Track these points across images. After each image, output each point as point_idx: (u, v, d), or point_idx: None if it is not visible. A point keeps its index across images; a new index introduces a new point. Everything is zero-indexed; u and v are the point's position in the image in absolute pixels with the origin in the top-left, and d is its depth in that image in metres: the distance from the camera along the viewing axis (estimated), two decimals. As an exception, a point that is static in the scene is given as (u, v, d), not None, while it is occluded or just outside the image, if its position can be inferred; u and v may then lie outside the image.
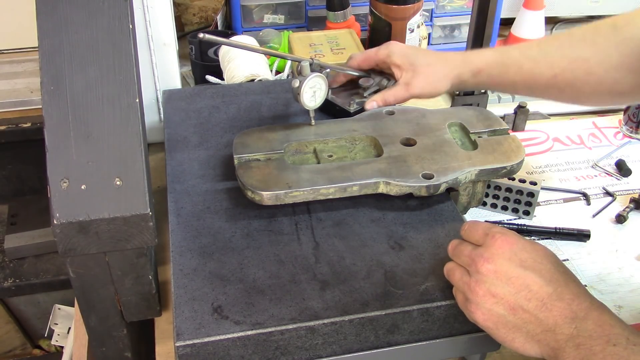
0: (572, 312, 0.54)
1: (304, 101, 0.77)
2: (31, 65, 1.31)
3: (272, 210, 0.72)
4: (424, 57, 0.85)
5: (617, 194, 0.97)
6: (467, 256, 0.59)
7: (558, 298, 0.55)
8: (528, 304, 0.55)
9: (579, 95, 0.82)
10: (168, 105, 0.92)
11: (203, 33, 0.73)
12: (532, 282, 0.56)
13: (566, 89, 0.81)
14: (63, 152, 0.61)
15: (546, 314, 0.55)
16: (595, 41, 0.79)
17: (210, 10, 1.45)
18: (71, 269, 0.65)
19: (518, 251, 0.57)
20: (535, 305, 0.55)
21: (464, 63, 0.84)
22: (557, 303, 0.55)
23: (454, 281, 0.61)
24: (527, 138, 1.08)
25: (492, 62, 0.83)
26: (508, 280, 0.56)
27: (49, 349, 1.61)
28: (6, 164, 1.35)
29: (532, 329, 0.55)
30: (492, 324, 0.57)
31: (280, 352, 0.61)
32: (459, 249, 0.61)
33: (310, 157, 0.78)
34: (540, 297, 0.55)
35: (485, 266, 0.57)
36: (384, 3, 1.11)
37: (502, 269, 0.56)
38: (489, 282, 0.57)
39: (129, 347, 0.75)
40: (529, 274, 0.56)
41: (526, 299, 0.55)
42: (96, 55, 0.64)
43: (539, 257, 0.57)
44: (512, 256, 0.57)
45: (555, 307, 0.55)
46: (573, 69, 0.79)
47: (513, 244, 0.58)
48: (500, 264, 0.57)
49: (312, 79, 0.77)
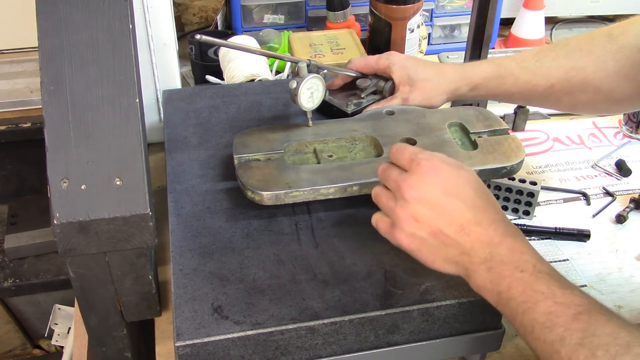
0: (488, 237, 0.58)
1: (302, 102, 0.77)
2: (31, 65, 1.31)
3: (272, 210, 0.72)
4: (423, 71, 0.86)
5: (617, 194, 0.97)
6: (394, 181, 0.62)
7: (476, 223, 0.59)
8: (448, 229, 0.59)
9: (576, 104, 0.83)
10: (168, 105, 0.92)
11: (200, 34, 0.73)
12: (453, 209, 0.59)
13: (563, 98, 0.82)
14: (63, 152, 0.61)
15: (464, 238, 0.59)
16: (591, 50, 0.80)
17: (210, 10, 1.45)
18: (71, 269, 0.65)
19: (442, 179, 0.60)
20: (455, 230, 0.59)
21: (461, 78, 0.85)
22: (475, 228, 0.59)
23: (381, 205, 0.64)
24: (527, 138, 1.08)
25: (488, 76, 0.84)
26: (431, 207, 0.59)
27: (49, 349, 1.61)
28: (6, 164, 1.35)
29: (451, 251, 0.59)
30: (415, 247, 0.61)
31: (280, 352, 0.61)
32: (386, 173, 0.64)
33: (310, 157, 0.78)
34: (460, 223, 0.59)
35: (410, 193, 0.60)
36: (384, 3, 1.11)
37: (425, 196, 0.60)
38: (412, 208, 0.60)
39: (129, 347, 0.75)
40: (450, 200, 0.60)
41: (447, 224, 0.59)
42: (96, 55, 0.64)
43: (462, 183, 0.61)
44: (436, 183, 0.60)
45: (473, 232, 0.59)
46: (569, 78, 0.80)
47: (437, 172, 0.61)
48: (424, 191, 0.60)
49: (309, 80, 0.77)
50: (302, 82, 0.76)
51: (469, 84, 0.85)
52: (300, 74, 0.77)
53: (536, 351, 0.54)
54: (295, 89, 0.76)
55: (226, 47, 0.85)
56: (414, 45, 1.15)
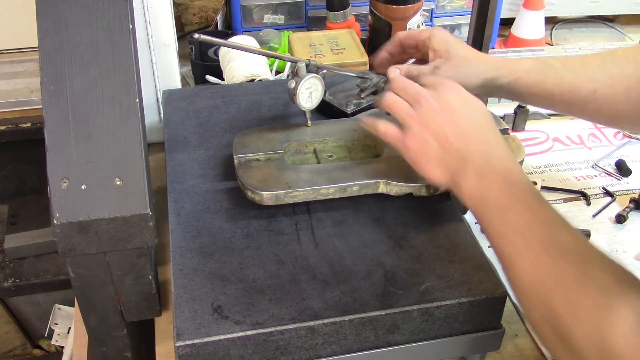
0: (487, 150, 0.64)
1: (300, 102, 0.77)
2: (31, 65, 1.31)
3: (272, 210, 0.72)
4: (462, 50, 0.82)
5: (617, 194, 0.97)
6: (416, 92, 0.69)
7: (479, 138, 0.65)
8: (452, 136, 0.65)
9: (617, 114, 0.80)
10: (168, 105, 0.92)
11: (198, 34, 0.73)
12: (462, 119, 0.66)
13: (604, 107, 0.79)
14: (63, 152, 0.61)
15: (464, 147, 0.64)
16: (638, 60, 0.78)
17: (210, 10, 1.45)
18: (71, 269, 0.65)
19: (462, 98, 0.68)
20: (458, 138, 0.65)
21: (501, 68, 0.81)
22: (477, 137, 0.65)
23: (397, 110, 0.69)
24: (527, 138, 1.08)
25: (531, 70, 0.80)
26: (444, 115, 0.66)
27: (49, 349, 1.61)
28: (6, 164, 1.35)
29: (448, 157, 0.65)
30: (419, 149, 0.66)
31: (280, 352, 0.61)
32: (407, 84, 0.70)
33: (310, 157, 0.78)
34: (465, 133, 0.65)
35: (430, 102, 0.67)
36: (384, 3, 1.11)
37: (442, 106, 0.67)
38: (428, 114, 0.67)
39: (129, 347, 0.75)
40: (462, 112, 0.66)
41: (452, 132, 0.65)
42: (96, 55, 0.64)
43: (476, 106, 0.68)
44: (455, 99, 0.67)
45: (475, 141, 0.65)
46: (613, 84, 0.78)
47: (460, 92, 0.68)
48: (442, 102, 0.67)
49: (308, 79, 0.77)
50: (301, 81, 0.76)
51: (509, 75, 0.80)
52: (299, 73, 0.77)
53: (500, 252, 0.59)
54: (294, 88, 0.76)
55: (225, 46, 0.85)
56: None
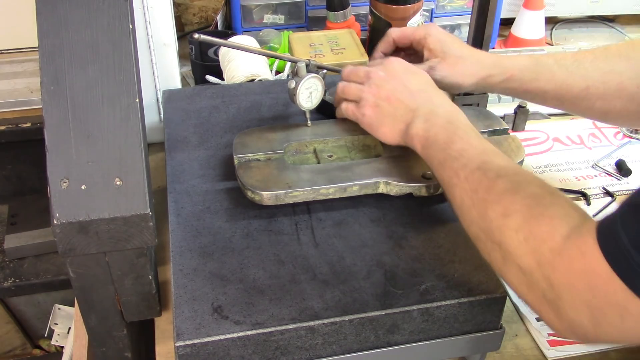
0: (432, 100, 0.72)
1: (300, 102, 0.77)
2: (31, 65, 1.31)
3: (272, 210, 0.72)
4: (458, 49, 0.84)
5: (617, 194, 0.97)
6: (364, 71, 0.77)
7: (425, 93, 0.73)
8: (400, 94, 0.73)
9: (609, 110, 0.81)
10: (168, 105, 0.92)
11: (198, 34, 0.73)
12: (409, 82, 0.74)
13: (597, 103, 0.80)
14: (63, 152, 0.61)
15: (412, 101, 0.72)
16: (630, 56, 0.79)
17: (210, 10, 1.45)
18: (71, 269, 0.65)
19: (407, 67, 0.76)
20: (406, 95, 0.73)
21: (495, 66, 0.83)
22: (423, 95, 0.73)
23: (349, 91, 0.78)
24: (527, 138, 1.08)
25: (524, 68, 0.82)
26: (391, 80, 0.74)
27: (49, 349, 1.61)
28: (6, 164, 1.35)
29: (399, 112, 0.73)
30: (374, 114, 0.74)
31: (280, 352, 0.61)
32: (355, 69, 0.79)
33: (310, 157, 0.78)
34: (412, 91, 0.73)
35: (379, 74, 0.75)
36: (384, 3, 1.11)
37: (389, 73, 0.75)
38: (378, 82, 0.75)
39: (129, 347, 0.75)
40: (408, 76, 0.75)
41: (400, 92, 0.73)
42: (96, 55, 0.64)
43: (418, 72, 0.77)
44: (399, 67, 0.76)
45: (421, 97, 0.73)
46: (606, 81, 0.79)
47: (404, 63, 0.77)
48: (389, 70, 0.76)
49: (308, 79, 0.77)
50: (301, 82, 0.76)
51: (503, 73, 0.83)
52: (299, 73, 0.77)
53: (440, 179, 0.66)
54: (294, 88, 0.76)
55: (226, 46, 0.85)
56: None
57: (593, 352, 0.73)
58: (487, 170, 0.60)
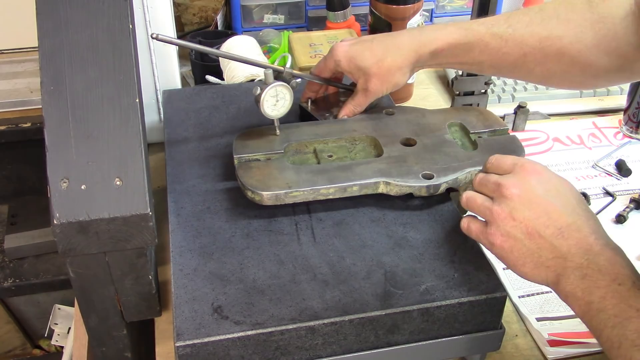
0: (587, 244, 0.56)
1: (265, 110, 0.75)
2: (31, 65, 1.31)
3: (272, 210, 0.72)
4: (370, 55, 0.78)
5: (617, 194, 0.97)
6: (494, 183, 0.61)
7: (576, 229, 0.56)
8: (545, 230, 0.57)
9: (549, 76, 0.76)
10: (168, 105, 0.92)
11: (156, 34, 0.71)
12: (553, 210, 0.57)
13: (536, 69, 0.76)
14: (63, 152, 0.61)
15: (561, 242, 0.56)
16: (569, 18, 0.73)
17: (210, 10, 1.45)
18: (71, 269, 0.65)
19: (545, 180, 0.59)
20: (552, 233, 0.57)
21: (420, 45, 0.77)
22: (574, 234, 0.56)
23: (475, 206, 0.62)
24: (527, 138, 1.08)
25: (454, 41, 0.76)
26: (530, 205, 0.58)
27: (49, 349, 1.61)
28: (6, 164, 1.35)
29: (545, 254, 0.57)
30: (508, 247, 0.59)
31: (280, 352, 0.61)
32: (485, 179, 0.63)
33: (310, 157, 0.78)
34: (559, 226, 0.57)
35: (511, 190, 0.59)
36: (384, 3, 1.11)
37: (525, 194, 0.58)
38: (512, 205, 0.58)
39: (129, 347, 0.75)
40: (551, 202, 0.58)
41: (544, 226, 0.57)
42: (96, 55, 0.64)
43: (564, 189, 0.59)
44: (539, 183, 0.59)
45: (572, 237, 0.56)
46: (544, 47, 0.73)
47: (541, 173, 0.60)
48: (525, 189, 0.58)
49: (273, 87, 0.74)
50: (266, 89, 0.74)
51: (430, 51, 0.77)
52: (266, 81, 0.75)
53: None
54: (258, 95, 0.75)
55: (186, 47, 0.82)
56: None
57: (593, 352, 0.73)
58: None
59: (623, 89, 1.17)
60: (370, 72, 0.79)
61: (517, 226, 0.58)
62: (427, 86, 1.24)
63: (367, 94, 0.80)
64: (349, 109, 0.83)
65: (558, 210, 0.57)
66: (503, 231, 0.58)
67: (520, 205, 0.58)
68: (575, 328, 0.74)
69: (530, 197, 0.58)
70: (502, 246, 0.59)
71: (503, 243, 0.59)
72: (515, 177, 0.60)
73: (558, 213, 0.57)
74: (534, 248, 0.57)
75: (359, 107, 0.83)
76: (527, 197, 0.58)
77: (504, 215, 0.58)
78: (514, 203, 0.58)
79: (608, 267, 0.54)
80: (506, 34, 0.75)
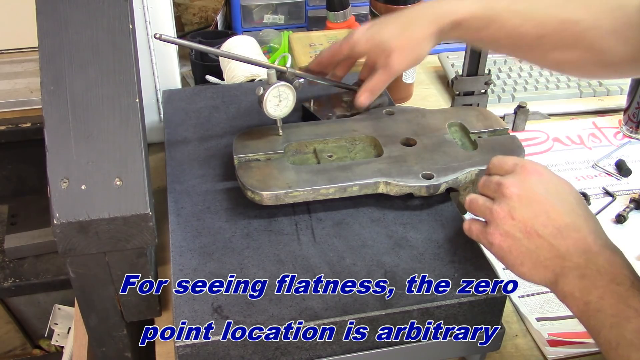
0: (586, 244, 0.56)
1: (268, 110, 0.75)
2: (31, 65, 1.31)
3: (272, 210, 0.72)
4: (392, 29, 0.76)
5: (617, 194, 0.97)
6: (495, 182, 0.61)
7: (575, 229, 0.56)
8: (544, 230, 0.57)
9: (564, 62, 0.75)
10: (168, 105, 0.92)
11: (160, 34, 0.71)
12: (552, 210, 0.57)
13: (550, 54, 0.74)
14: (63, 152, 0.61)
15: (560, 242, 0.56)
16: (588, 3, 0.71)
17: (210, 10, 1.45)
18: (71, 269, 0.65)
19: (545, 180, 0.59)
20: (551, 232, 0.57)
21: (439, 16, 0.75)
22: (573, 234, 0.56)
23: (477, 207, 0.62)
24: (527, 138, 1.08)
25: (474, 14, 0.74)
26: (529, 205, 0.58)
27: (49, 349, 1.61)
28: (6, 164, 1.35)
29: (543, 254, 0.57)
30: (507, 247, 0.58)
31: (280, 352, 0.61)
32: (488, 180, 0.63)
33: (310, 157, 0.78)
34: (557, 225, 0.57)
35: (510, 189, 0.59)
36: (384, 3, 1.11)
37: (525, 193, 0.58)
38: (511, 205, 0.58)
39: (129, 347, 0.75)
40: (550, 201, 0.58)
41: (543, 225, 0.57)
42: (96, 55, 0.64)
43: (564, 190, 0.60)
44: (539, 183, 0.59)
45: (571, 237, 0.56)
46: (561, 30, 0.72)
47: (541, 174, 0.60)
48: (525, 188, 0.58)
49: (275, 87, 0.75)
50: (269, 89, 0.75)
51: (451, 22, 0.75)
52: (269, 81, 0.75)
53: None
54: (261, 95, 0.75)
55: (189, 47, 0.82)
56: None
57: (593, 353, 0.73)
58: None
59: (623, 89, 1.17)
60: (392, 46, 0.76)
61: (515, 225, 0.58)
62: (427, 86, 1.24)
63: (388, 70, 0.78)
64: (367, 92, 0.80)
65: (557, 210, 0.57)
66: (502, 230, 0.58)
67: (519, 205, 0.58)
68: (575, 328, 0.74)
69: (529, 197, 0.58)
70: (501, 245, 0.59)
71: (502, 242, 0.59)
72: (516, 177, 0.60)
73: (557, 213, 0.57)
74: (533, 247, 0.57)
75: (378, 88, 0.80)
76: (526, 196, 0.58)
77: (503, 214, 0.58)
78: (513, 202, 0.58)
79: (607, 267, 0.54)
80: (526, 11, 0.73)
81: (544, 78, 1.21)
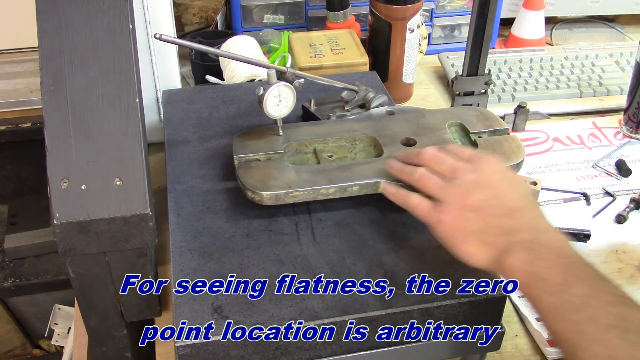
0: (534, 224, 0.58)
1: (268, 110, 0.75)
2: (31, 65, 1.31)
3: (272, 210, 0.72)
4: None
5: (617, 194, 0.97)
6: (450, 164, 0.63)
7: (523, 213, 0.59)
8: (494, 211, 0.59)
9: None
10: (168, 105, 0.92)
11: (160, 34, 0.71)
12: (504, 194, 0.60)
13: None
14: (63, 152, 0.61)
15: (509, 221, 0.58)
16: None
17: (210, 10, 1.45)
18: (71, 269, 0.65)
19: (500, 171, 0.63)
20: (501, 212, 0.59)
21: None
22: (522, 214, 0.59)
23: (428, 184, 0.63)
24: (527, 138, 1.08)
25: None
26: (482, 189, 0.60)
27: (49, 349, 1.61)
28: (6, 164, 1.35)
29: (491, 232, 0.58)
30: (456, 225, 0.60)
31: (280, 352, 0.61)
32: (441, 157, 0.64)
33: (310, 157, 0.78)
34: (508, 208, 0.59)
35: (467, 175, 0.62)
36: (384, 3, 1.11)
37: (480, 179, 0.61)
38: (465, 187, 0.61)
39: (129, 347, 0.75)
40: (504, 187, 0.61)
41: (493, 207, 0.59)
42: (96, 55, 0.64)
43: (517, 181, 0.63)
44: (493, 173, 0.62)
45: (519, 217, 0.59)
46: None
47: (496, 165, 0.63)
48: (480, 175, 0.61)
49: (276, 87, 0.74)
50: (269, 89, 0.75)
51: None
52: (269, 81, 0.75)
53: (555, 333, 0.51)
54: (261, 95, 0.75)
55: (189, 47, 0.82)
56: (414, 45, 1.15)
57: (593, 352, 0.73)
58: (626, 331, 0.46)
59: (623, 89, 1.17)
60: None
61: (466, 206, 0.60)
62: (427, 86, 1.24)
63: None
64: None
65: (509, 195, 0.60)
66: (454, 210, 0.60)
67: (473, 188, 0.60)
68: (575, 328, 0.74)
69: (483, 183, 0.61)
70: (451, 223, 0.60)
71: (452, 220, 0.60)
72: (473, 165, 0.63)
73: (509, 197, 0.60)
74: (482, 227, 0.59)
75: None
76: (480, 182, 0.61)
77: (456, 194, 0.61)
78: (467, 185, 0.61)
79: (554, 243, 0.56)
80: None
81: (544, 78, 1.21)
